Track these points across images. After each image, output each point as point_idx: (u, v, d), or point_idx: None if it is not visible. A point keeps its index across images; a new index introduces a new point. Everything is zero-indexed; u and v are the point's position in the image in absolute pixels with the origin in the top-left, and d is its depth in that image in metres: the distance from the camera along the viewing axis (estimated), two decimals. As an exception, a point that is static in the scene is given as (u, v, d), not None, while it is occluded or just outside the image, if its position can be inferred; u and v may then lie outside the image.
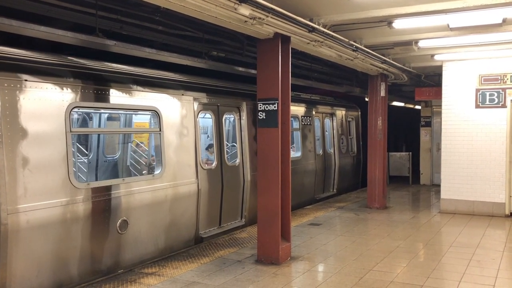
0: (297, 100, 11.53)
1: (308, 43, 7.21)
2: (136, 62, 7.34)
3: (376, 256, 7.11)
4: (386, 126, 11.59)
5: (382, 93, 11.39)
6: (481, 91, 10.46)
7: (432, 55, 10.25)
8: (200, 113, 8.07)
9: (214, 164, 8.36)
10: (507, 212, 10.25)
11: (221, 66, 8.84)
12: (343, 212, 10.79)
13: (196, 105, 7.85)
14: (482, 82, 10.45)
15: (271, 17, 5.83)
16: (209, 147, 8.99)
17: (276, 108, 6.69)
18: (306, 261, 6.89)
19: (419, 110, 16.92)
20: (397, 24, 7.20)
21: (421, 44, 8.90)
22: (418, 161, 16.14)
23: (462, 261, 6.88)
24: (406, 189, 14.92)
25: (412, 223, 9.65)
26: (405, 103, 19.21)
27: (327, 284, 5.89)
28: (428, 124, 15.88)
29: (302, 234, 8.48)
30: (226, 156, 8.70)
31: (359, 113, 15.48)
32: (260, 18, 5.72)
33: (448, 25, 7.39)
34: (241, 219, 9.04)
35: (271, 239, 6.75)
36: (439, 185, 11.35)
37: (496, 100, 10.30)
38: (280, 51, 6.67)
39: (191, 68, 8.33)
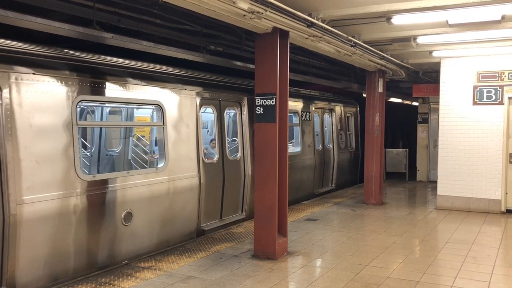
0: (296, 96, 11.61)
1: (307, 38, 7.18)
2: (133, 56, 7.29)
3: (373, 251, 7.12)
4: (384, 122, 11.59)
5: (380, 89, 11.38)
6: (478, 88, 10.46)
7: (430, 52, 10.24)
8: (202, 108, 8.15)
9: (215, 158, 8.48)
10: (503, 209, 10.29)
11: (219, 61, 8.79)
12: (339, 207, 10.80)
13: (198, 99, 7.94)
14: (480, 79, 10.46)
15: (269, 11, 5.80)
16: (212, 141, 9.09)
17: (274, 103, 6.67)
18: (302, 256, 6.90)
19: (416, 106, 16.94)
20: (396, 20, 7.18)
21: (420, 40, 8.89)
22: (415, 158, 16.16)
23: (458, 257, 6.91)
24: (402, 186, 14.96)
25: (409, 219, 9.68)
26: (403, 99, 19.21)
27: (323, 279, 5.90)
28: (425, 121, 15.90)
29: (298, 230, 8.49)
30: (227, 150, 8.77)
31: (358, 109, 15.57)
32: (258, 12, 5.69)
33: (447, 22, 7.38)
34: (242, 212, 9.17)
35: (267, 234, 6.75)
36: (435, 182, 11.37)
37: (494, 97, 10.30)
38: (278, 46, 6.64)
39: (192, 63, 8.31)
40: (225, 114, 8.83)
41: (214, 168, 8.30)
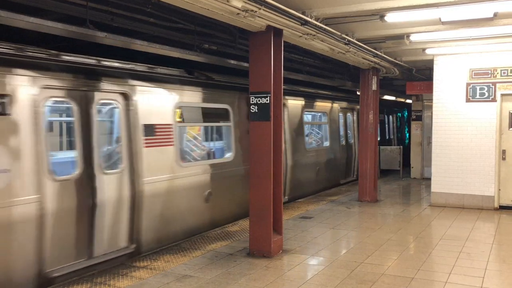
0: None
1: (301, 36, 7.18)
2: (126, 55, 7.26)
3: (368, 249, 7.15)
4: (378, 120, 11.62)
5: (374, 87, 11.41)
6: (471, 85, 10.52)
7: (424, 49, 10.27)
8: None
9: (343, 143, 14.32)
10: (496, 205, 10.36)
11: (213, 59, 8.84)
12: (334, 205, 10.83)
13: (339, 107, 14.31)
14: (473, 76, 10.51)
15: (263, 10, 5.79)
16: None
17: (268, 102, 6.67)
18: (298, 254, 6.91)
19: (410, 104, 17.01)
20: (390, 17, 7.19)
21: (413, 38, 8.90)
22: (409, 155, 16.24)
23: (452, 253, 6.95)
24: (396, 183, 15.02)
25: (403, 216, 9.73)
26: (397, 97, 19.29)
27: (318, 276, 5.92)
28: (419, 118, 15.95)
29: (293, 228, 8.50)
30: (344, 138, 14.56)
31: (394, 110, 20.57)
32: (252, 10, 5.68)
33: (440, 19, 7.40)
34: (352, 176, 14.99)
35: (263, 232, 6.76)
36: (429, 179, 11.42)
37: (486, 94, 10.36)
38: (272, 44, 6.64)
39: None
40: (346, 116, 14.51)
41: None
